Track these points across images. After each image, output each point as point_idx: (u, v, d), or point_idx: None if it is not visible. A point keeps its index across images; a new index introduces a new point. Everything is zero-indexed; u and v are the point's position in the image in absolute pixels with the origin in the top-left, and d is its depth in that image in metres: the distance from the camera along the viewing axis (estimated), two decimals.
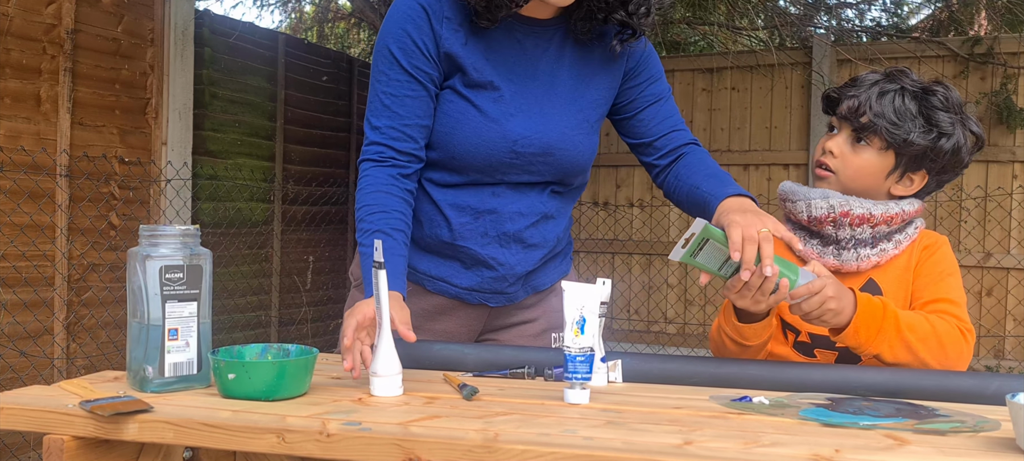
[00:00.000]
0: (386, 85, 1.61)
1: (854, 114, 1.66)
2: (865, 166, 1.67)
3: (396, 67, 1.60)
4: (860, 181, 1.67)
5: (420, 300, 1.75)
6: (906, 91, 1.65)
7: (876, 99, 1.64)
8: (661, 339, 6.14)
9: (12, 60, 3.66)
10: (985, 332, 5.48)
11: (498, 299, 1.75)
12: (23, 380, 3.66)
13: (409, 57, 1.60)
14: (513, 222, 1.69)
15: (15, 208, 3.68)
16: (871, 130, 1.64)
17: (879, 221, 1.64)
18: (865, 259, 1.65)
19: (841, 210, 1.63)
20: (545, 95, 1.67)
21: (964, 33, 6.31)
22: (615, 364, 1.48)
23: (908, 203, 1.68)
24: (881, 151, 1.66)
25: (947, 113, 1.64)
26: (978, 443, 1.07)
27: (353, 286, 1.83)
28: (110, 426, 1.20)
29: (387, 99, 1.61)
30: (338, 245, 6.23)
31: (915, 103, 1.64)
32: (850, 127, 1.67)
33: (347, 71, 6.30)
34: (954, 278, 1.65)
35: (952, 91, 1.68)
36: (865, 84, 1.68)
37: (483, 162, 1.64)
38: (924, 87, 1.66)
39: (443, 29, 1.60)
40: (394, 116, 1.61)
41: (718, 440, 1.07)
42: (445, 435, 1.10)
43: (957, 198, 5.51)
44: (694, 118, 6.12)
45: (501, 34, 1.63)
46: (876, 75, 1.69)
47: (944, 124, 1.63)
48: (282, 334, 5.60)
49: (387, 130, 1.61)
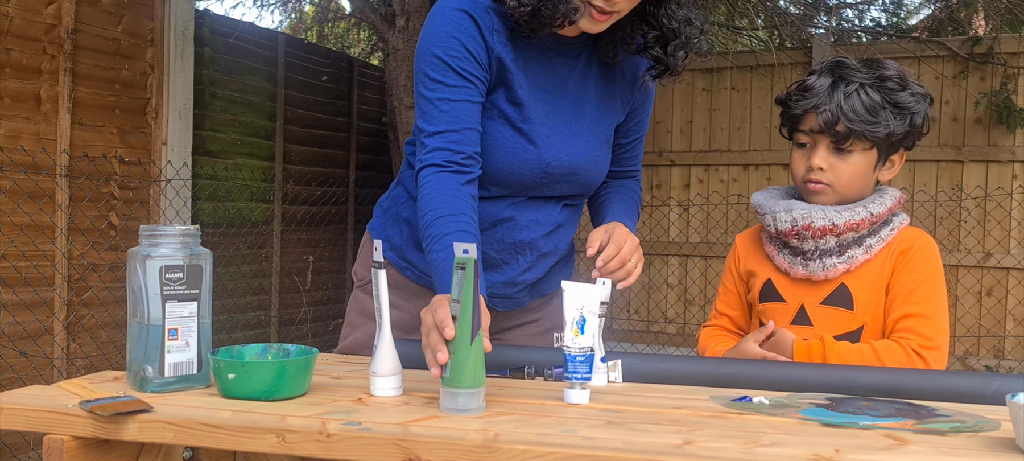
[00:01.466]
0: (442, 92, 1.56)
1: (830, 126, 1.64)
2: (856, 170, 1.67)
3: (451, 73, 1.55)
4: (854, 185, 1.68)
5: (426, 301, 1.74)
6: (865, 85, 1.64)
7: (845, 102, 1.63)
8: (661, 339, 6.14)
9: (12, 60, 3.66)
10: (985, 332, 5.49)
11: (506, 304, 1.77)
12: (23, 380, 3.66)
13: (462, 63, 1.55)
14: (529, 231, 1.70)
15: (15, 208, 3.68)
16: (853, 136, 1.64)
17: (843, 230, 1.65)
18: (832, 268, 1.66)
19: (803, 223, 1.65)
20: (574, 115, 1.67)
21: (964, 33, 6.30)
22: (615, 364, 1.48)
23: (877, 204, 1.67)
24: (865, 151, 1.67)
25: (905, 91, 1.65)
26: (978, 443, 1.07)
27: (356, 286, 1.83)
28: (110, 426, 1.20)
29: (444, 105, 1.55)
30: (338, 245, 6.23)
31: (878, 93, 1.64)
32: (829, 138, 1.66)
33: (347, 71, 6.29)
34: (930, 284, 1.64)
35: (893, 66, 1.68)
36: (821, 91, 1.66)
37: (515, 182, 1.64)
38: (878, 75, 1.66)
39: (493, 40, 1.58)
40: (454, 120, 1.55)
41: (718, 440, 1.07)
42: (445, 435, 1.10)
43: (957, 198, 5.51)
44: (694, 118, 6.12)
45: (534, 52, 1.62)
46: (824, 78, 1.67)
47: (909, 103, 1.65)
48: (282, 334, 5.60)
49: (448, 134, 1.55)
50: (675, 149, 6.17)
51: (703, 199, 6.07)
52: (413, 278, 1.75)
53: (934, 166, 5.59)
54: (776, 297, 1.72)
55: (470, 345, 1.20)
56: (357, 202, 6.34)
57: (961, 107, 5.55)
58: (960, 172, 5.54)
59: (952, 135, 5.57)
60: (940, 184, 5.58)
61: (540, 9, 1.51)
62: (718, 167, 6.05)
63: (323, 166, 6.00)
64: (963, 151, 5.52)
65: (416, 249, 1.74)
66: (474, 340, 1.21)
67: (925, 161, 5.60)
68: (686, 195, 6.14)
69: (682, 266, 6.16)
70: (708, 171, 6.09)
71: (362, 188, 6.37)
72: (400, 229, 1.77)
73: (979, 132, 5.51)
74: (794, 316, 1.69)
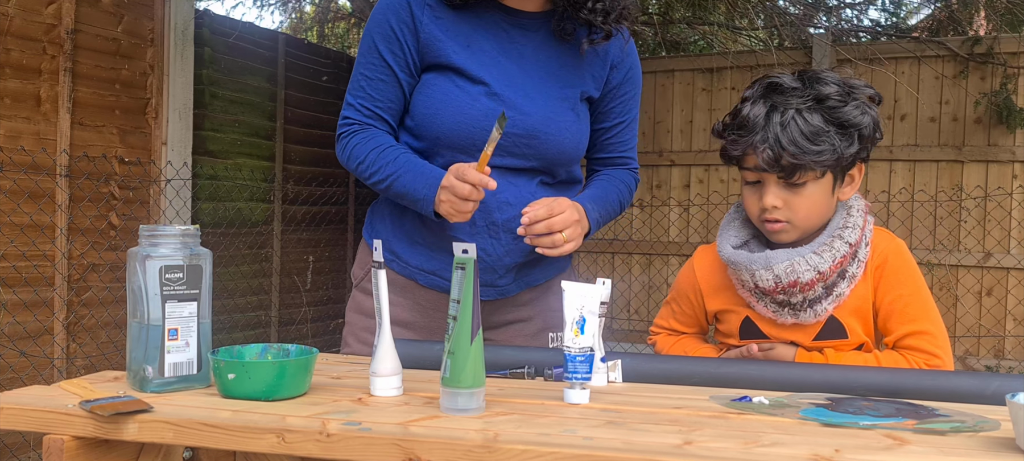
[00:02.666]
0: (364, 69, 1.73)
1: (774, 163, 1.51)
2: (813, 201, 1.55)
3: (374, 53, 1.71)
4: (814, 216, 1.57)
5: (415, 295, 1.76)
6: (801, 110, 1.51)
7: (783, 134, 1.50)
8: None
9: (12, 60, 3.66)
10: (985, 332, 5.49)
11: (490, 292, 1.75)
12: (23, 380, 3.66)
13: (389, 44, 1.69)
14: (501, 211, 1.70)
15: (15, 208, 3.68)
16: (800, 169, 1.51)
17: (830, 273, 1.55)
18: (822, 312, 1.58)
19: (788, 280, 1.54)
20: (528, 79, 1.71)
21: (964, 33, 6.31)
22: (615, 364, 1.48)
23: (851, 230, 1.56)
24: (818, 179, 1.54)
25: (847, 104, 1.52)
26: (978, 443, 1.07)
27: (354, 286, 1.84)
28: (110, 426, 1.20)
29: (363, 81, 1.73)
30: (338, 245, 6.23)
31: (817, 115, 1.51)
32: (775, 175, 1.53)
33: (347, 71, 6.29)
34: (918, 295, 1.58)
35: (830, 76, 1.55)
36: (757, 123, 1.52)
37: (467, 141, 1.66)
38: (814, 95, 1.52)
39: (424, 15, 1.68)
40: (368, 98, 1.72)
41: (718, 440, 1.07)
42: (445, 435, 1.10)
43: (957, 198, 5.51)
44: (694, 118, 6.12)
45: (488, 24, 1.69)
46: (759, 106, 1.54)
47: (854, 117, 1.52)
48: (282, 334, 5.60)
49: (361, 109, 1.73)
50: (675, 149, 6.17)
51: (703, 199, 6.07)
52: (399, 270, 1.77)
53: (934, 166, 5.59)
54: (759, 336, 1.64)
55: (470, 345, 1.20)
56: (357, 202, 6.34)
57: (961, 107, 5.55)
58: (960, 172, 5.54)
59: (952, 135, 5.57)
60: (940, 184, 5.58)
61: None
62: (718, 167, 6.05)
63: (323, 166, 6.00)
64: (963, 151, 5.52)
65: (402, 240, 1.76)
66: (474, 340, 1.21)
67: (925, 161, 5.60)
68: (686, 195, 6.14)
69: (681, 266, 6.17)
70: (708, 171, 6.09)
71: (362, 188, 6.37)
72: (384, 219, 1.80)
73: (979, 132, 5.51)
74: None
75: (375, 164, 1.69)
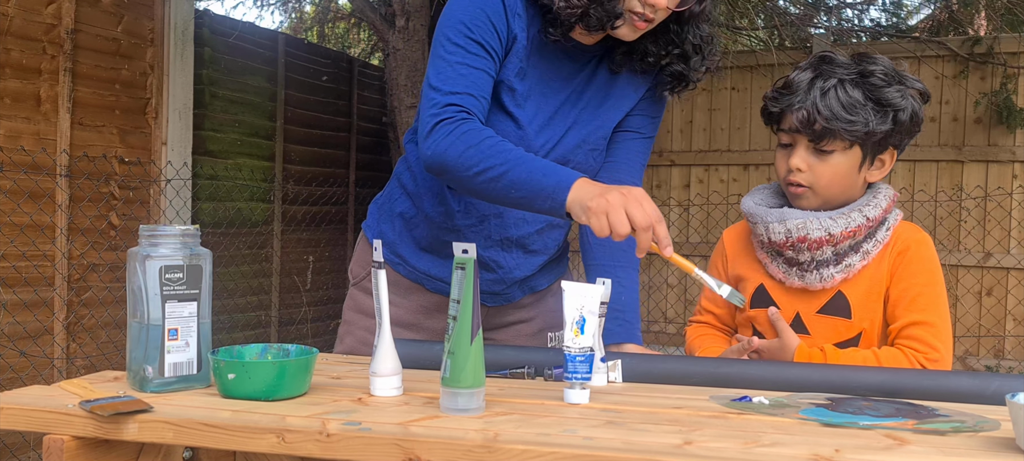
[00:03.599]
0: (462, 57, 1.55)
1: (807, 124, 1.58)
2: (837, 171, 1.60)
3: (472, 42, 1.55)
4: (836, 186, 1.62)
5: (420, 297, 1.76)
6: (845, 81, 1.57)
7: (821, 100, 1.57)
8: (661, 339, 6.14)
9: (12, 60, 3.66)
10: (985, 332, 5.49)
11: (495, 300, 1.76)
12: (23, 380, 3.66)
13: (485, 34, 1.56)
14: (517, 228, 1.70)
15: (15, 208, 3.68)
16: (830, 135, 1.57)
17: (840, 239, 1.59)
18: (829, 279, 1.61)
19: (798, 235, 1.59)
20: (568, 114, 1.67)
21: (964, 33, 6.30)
22: (615, 364, 1.48)
23: (872, 207, 1.61)
24: (846, 150, 1.59)
25: (891, 86, 1.58)
26: (978, 443, 1.07)
27: (352, 284, 1.84)
28: (110, 426, 1.20)
29: (462, 69, 1.55)
30: (338, 245, 6.22)
31: (859, 90, 1.57)
32: (806, 138, 1.60)
33: (347, 71, 6.29)
34: (931, 289, 1.60)
35: (883, 61, 1.60)
36: (801, 87, 1.60)
37: None
38: (859, 70, 1.59)
39: (514, 22, 1.58)
40: (470, 85, 1.55)
41: (718, 440, 1.07)
42: (445, 435, 1.10)
43: (957, 198, 5.51)
44: (694, 118, 6.12)
45: (547, 47, 1.63)
46: (806, 73, 1.61)
47: (894, 99, 1.57)
48: (282, 334, 5.60)
49: (464, 97, 1.54)
50: (675, 149, 6.17)
51: (703, 199, 6.07)
52: (405, 274, 1.76)
53: (934, 166, 5.59)
54: (770, 304, 1.67)
55: (470, 345, 1.20)
56: (357, 202, 6.34)
57: (961, 107, 5.55)
58: (960, 172, 5.54)
59: (952, 135, 5.57)
60: (940, 184, 5.58)
61: (589, 12, 1.51)
62: (718, 167, 6.05)
63: (323, 166, 6.00)
64: (963, 151, 5.52)
65: (409, 244, 1.75)
66: (474, 340, 1.21)
67: (925, 161, 5.60)
68: (686, 195, 6.14)
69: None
70: (708, 171, 6.09)
71: (362, 188, 6.37)
72: (393, 223, 1.77)
73: (979, 132, 5.51)
74: (790, 323, 1.65)
75: (489, 152, 1.48)
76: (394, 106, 5.04)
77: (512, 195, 1.48)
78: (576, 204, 1.41)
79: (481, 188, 1.50)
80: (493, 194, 1.50)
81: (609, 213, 1.37)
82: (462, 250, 1.24)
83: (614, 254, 1.70)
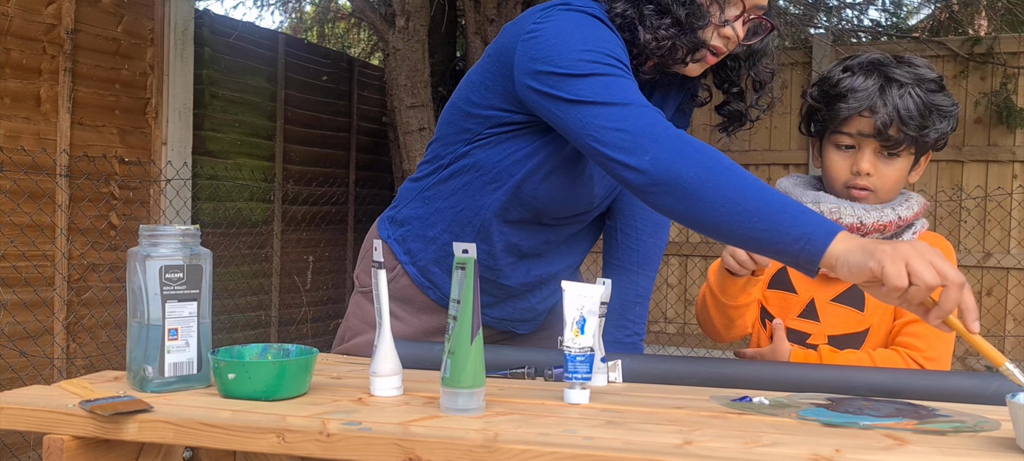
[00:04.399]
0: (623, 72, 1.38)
1: (884, 129, 1.58)
2: (900, 174, 1.64)
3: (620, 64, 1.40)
4: (895, 188, 1.65)
5: (435, 316, 1.72)
6: (910, 85, 1.58)
7: (901, 103, 1.57)
8: (661, 339, 6.14)
9: (12, 60, 3.66)
10: (985, 332, 5.48)
11: (527, 327, 1.78)
12: (23, 380, 3.66)
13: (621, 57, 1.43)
14: (553, 265, 1.71)
15: (15, 208, 3.68)
16: (904, 142, 1.59)
17: (870, 230, 1.61)
18: None
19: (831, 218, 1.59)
20: None
21: (964, 33, 6.31)
22: (615, 364, 1.48)
23: (905, 208, 1.64)
24: (908, 154, 1.64)
25: (941, 92, 1.61)
26: (978, 443, 1.07)
27: (358, 290, 1.79)
28: (110, 426, 1.20)
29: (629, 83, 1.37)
30: (338, 245, 6.22)
31: (922, 97, 1.58)
32: (877, 142, 1.60)
33: (347, 71, 6.29)
34: None
35: (925, 64, 1.63)
36: (872, 92, 1.58)
37: (561, 213, 1.62)
38: (917, 75, 1.60)
39: None
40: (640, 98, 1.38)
41: (718, 440, 1.07)
42: (445, 435, 1.10)
43: (957, 198, 5.51)
44: (694, 118, 6.11)
45: None
46: (870, 79, 1.59)
47: (947, 106, 1.61)
48: (282, 334, 5.60)
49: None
50: None
51: None
52: (434, 298, 1.69)
53: (934, 166, 5.59)
54: (788, 287, 1.69)
55: (470, 345, 1.20)
56: (357, 202, 6.34)
57: (961, 107, 5.55)
58: (960, 172, 5.54)
59: (952, 135, 5.57)
60: (940, 184, 5.58)
61: (676, 43, 1.46)
62: None
63: (323, 166, 6.00)
64: (963, 151, 5.52)
65: (442, 270, 1.67)
66: (474, 340, 1.21)
67: None
68: None
69: (682, 266, 6.16)
70: None
71: (362, 188, 6.37)
72: (426, 248, 1.68)
73: (979, 132, 5.51)
74: (803, 309, 1.67)
75: (737, 174, 1.26)
76: (394, 106, 5.04)
77: (750, 225, 1.23)
78: (853, 253, 1.18)
79: (713, 207, 1.25)
80: (726, 222, 1.25)
81: (911, 261, 1.15)
82: (462, 250, 1.24)
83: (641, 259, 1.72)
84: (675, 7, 1.45)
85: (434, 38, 5.56)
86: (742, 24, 1.49)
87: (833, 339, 1.64)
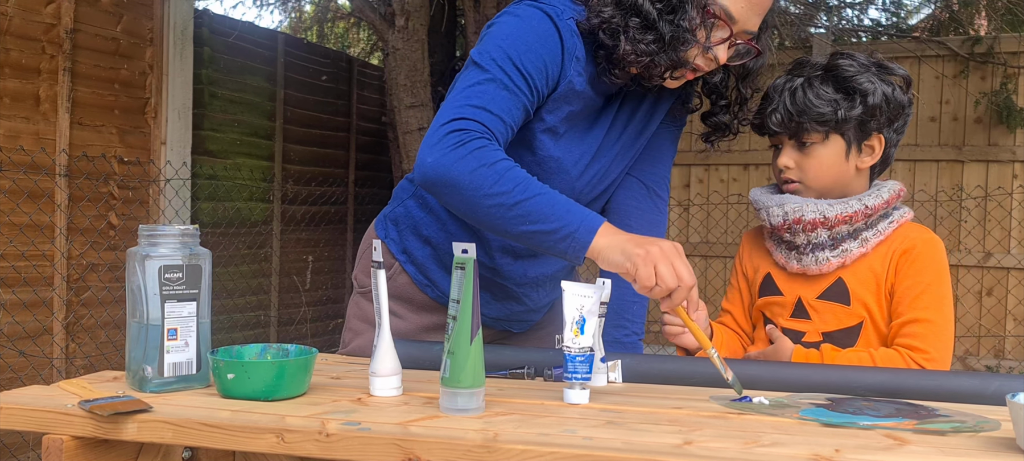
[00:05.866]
0: (502, 77, 1.43)
1: (785, 125, 1.67)
2: (821, 162, 1.66)
3: (516, 71, 1.44)
4: (824, 176, 1.67)
5: (435, 314, 1.73)
6: (812, 78, 1.66)
7: (791, 100, 1.66)
8: (661, 339, 6.13)
9: (11, 60, 3.66)
10: (985, 332, 5.48)
11: (522, 326, 1.79)
12: (22, 380, 3.66)
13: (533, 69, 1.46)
14: (550, 265, 1.71)
15: (14, 208, 3.68)
16: (805, 129, 1.65)
17: (835, 222, 1.63)
18: (825, 262, 1.65)
19: (794, 217, 1.65)
20: (606, 142, 1.65)
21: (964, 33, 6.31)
22: (615, 364, 1.48)
23: (873, 197, 1.65)
24: (825, 141, 1.66)
25: (861, 74, 1.65)
26: (978, 443, 1.07)
27: (357, 291, 1.80)
28: (109, 426, 1.20)
29: (495, 89, 1.43)
30: (338, 245, 6.22)
31: (826, 84, 1.65)
32: (787, 137, 1.69)
33: (347, 71, 6.29)
34: (936, 288, 1.62)
35: (858, 55, 1.68)
36: (776, 92, 1.69)
37: None
38: (825, 65, 1.68)
39: (570, 69, 1.51)
40: (502, 109, 1.44)
41: (718, 440, 1.07)
42: (445, 435, 1.10)
43: (957, 198, 5.51)
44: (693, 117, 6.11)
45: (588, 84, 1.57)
46: (781, 78, 1.71)
47: (862, 84, 1.64)
48: (281, 334, 5.60)
49: (490, 116, 1.42)
50: None
51: (703, 199, 6.07)
52: (433, 296, 1.71)
53: (934, 166, 5.59)
54: (774, 291, 1.72)
55: (470, 345, 1.20)
56: (357, 202, 6.34)
57: (961, 107, 5.55)
58: (960, 172, 5.54)
59: (952, 135, 5.57)
60: (940, 184, 5.58)
61: (656, 60, 1.48)
62: (718, 167, 6.05)
63: (323, 166, 6.00)
64: (963, 151, 5.52)
65: (439, 268, 1.69)
66: (474, 340, 1.21)
67: (925, 161, 5.60)
68: (686, 195, 6.14)
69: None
70: (708, 171, 6.09)
71: (362, 188, 6.37)
72: (423, 248, 1.70)
73: (979, 132, 5.50)
74: (792, 310, 1.68)
75: (506, 176, 1.37)
76: (393, 106, 5.04)
77: (521, 227, 1.38)
78: (612, 250, 1.34)
79: (488, 213, 1.39)
80: (499, 223, 1.39)
81: (658, 265, 1.31)
82: (462, 250, 1.24)
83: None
84: (661, 25, 1.46)
85: (434, 38, 5.56)
86: (728, 47, 1.51)
87: (828, 335, 1.64)
